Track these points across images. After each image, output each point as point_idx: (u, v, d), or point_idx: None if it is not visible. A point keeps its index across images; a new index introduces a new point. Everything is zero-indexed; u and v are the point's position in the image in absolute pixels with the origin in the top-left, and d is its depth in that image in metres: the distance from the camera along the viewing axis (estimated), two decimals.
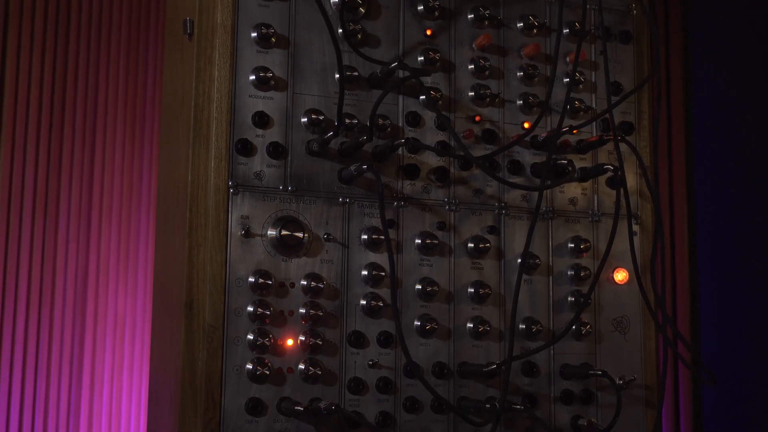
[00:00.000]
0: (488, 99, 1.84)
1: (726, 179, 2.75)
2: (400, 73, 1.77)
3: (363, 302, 1.71)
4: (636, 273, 1.82)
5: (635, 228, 1.91)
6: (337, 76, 1.74)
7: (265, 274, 1.65)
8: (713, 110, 2.83)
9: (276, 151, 1.69)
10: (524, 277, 1.82)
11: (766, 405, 2.51)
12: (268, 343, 1.63)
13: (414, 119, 1.79)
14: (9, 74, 2.64)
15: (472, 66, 1.84)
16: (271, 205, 1.69)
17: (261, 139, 1.69)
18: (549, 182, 1.83)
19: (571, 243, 1.87)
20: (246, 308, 1.64)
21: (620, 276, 1.90)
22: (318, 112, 1.72)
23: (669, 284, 2.84)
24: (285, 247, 1.67)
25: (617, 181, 1.81)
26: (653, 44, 1.94)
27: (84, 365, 2.71)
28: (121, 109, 2.78)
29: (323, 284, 1.68)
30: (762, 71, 2.62)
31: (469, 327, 1.78)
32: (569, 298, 1.85)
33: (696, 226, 2.88)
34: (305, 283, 1.67)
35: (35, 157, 2.67)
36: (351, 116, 1.73)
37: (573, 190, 1.89)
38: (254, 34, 1.70)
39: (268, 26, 1.71)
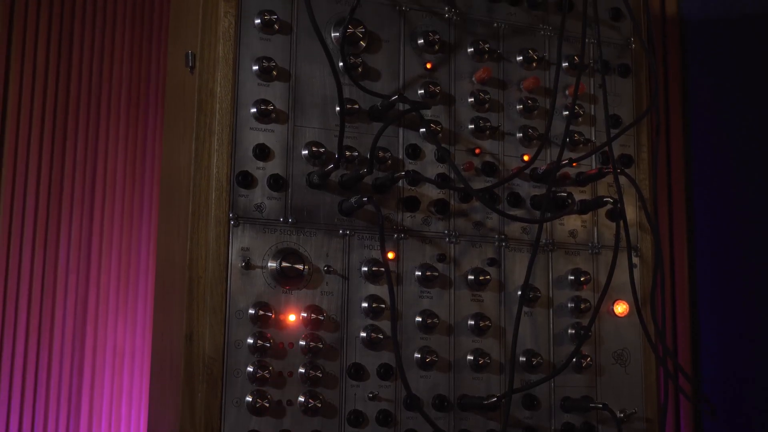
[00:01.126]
0: (488, 132, 1.85)
1: (727, 210, 2.76)
2: (401, 106, 1.77)
3: (363, 334, 1.71)
4: (636, 305, 1.82)
5: (635, 260, 1.91)
6: (337, 108, 1.75)
7: (265, 306, 1.65)
8: (713, 141, 2.83)
9: (276, 183, 1.69)
10: (524, 309, 1.82)
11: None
12: (267, 376, 1.63)
13: (414, 152, 1.80)
14: (11, 98, 2.65)
15: (472, 99, 1.85)
16: (271, 237, 1.69)
17: (262, 171, 1.70)
18: (549, 215, 1.83)
19: (571, 275, 1.87)
20: (246, 340, 1.64)
21: (620, 308, 1.90)
22: (319, 144, 1.73)
23: (669, 316, 2.83)
24: (285, 279, 1.67)
25: (617, 214, 1.81)
26: (652, 77, 1.95)
27: (83, 396, 2.70)
28: (122, 139, 2.79)
29: (323, 316, 1.68)
30: (763, 102, 2.63)
31: (470, 359, 1.77)
32: (569, 331, 1.85)
33: (696, 260, 2.88)
34: (305, 315, 1.67)
35: (36, 187, 2.68)
36: (351, 149, 1.74)
37: (573, 222, 1.90)
38: (255, 67, 1.71)
39: (269, 59, 1.72)
